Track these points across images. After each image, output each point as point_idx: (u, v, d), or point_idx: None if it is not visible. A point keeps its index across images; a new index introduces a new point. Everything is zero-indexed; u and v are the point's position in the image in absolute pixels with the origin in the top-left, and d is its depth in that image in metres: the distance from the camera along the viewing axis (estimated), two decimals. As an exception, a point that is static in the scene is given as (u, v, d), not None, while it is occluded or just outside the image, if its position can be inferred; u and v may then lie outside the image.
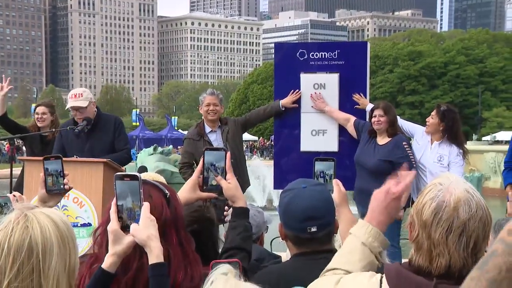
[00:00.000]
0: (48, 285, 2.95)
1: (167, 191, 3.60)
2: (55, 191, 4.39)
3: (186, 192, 4.16)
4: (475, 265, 2.47)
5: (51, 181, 4.37)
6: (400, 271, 3.08)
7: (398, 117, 9.95)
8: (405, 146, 9.34)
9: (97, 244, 3.59)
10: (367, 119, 9.58)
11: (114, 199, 3.46)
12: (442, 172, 9.04)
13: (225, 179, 4.02)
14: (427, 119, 9.82)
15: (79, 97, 9.69)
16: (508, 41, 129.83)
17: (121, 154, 9.62)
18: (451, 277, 2.96)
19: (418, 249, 3.07)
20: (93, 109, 9.79)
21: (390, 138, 9.38)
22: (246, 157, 10.97)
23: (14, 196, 4.74)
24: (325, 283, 3.30)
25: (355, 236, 3.32)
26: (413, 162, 9.27)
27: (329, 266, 3.36)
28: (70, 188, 4.63)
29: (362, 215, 5.28)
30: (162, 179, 5.94)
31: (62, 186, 4.41)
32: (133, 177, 3.44)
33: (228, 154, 4.13)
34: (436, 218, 2.98)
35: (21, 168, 9.61)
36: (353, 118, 9.57)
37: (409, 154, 9.28)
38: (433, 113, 9.74)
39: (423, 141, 9.78)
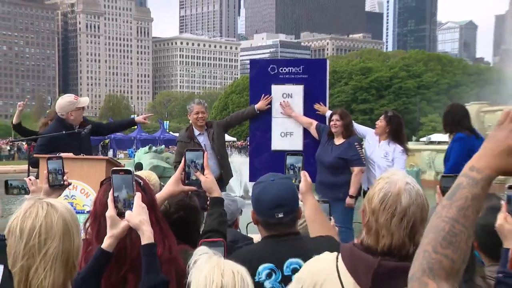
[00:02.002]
0: (49, 262, 2.93)
1: (140, 180, 3.65)
2: (56, 186, 4.48)
3: (170, 186, 4.21)
4: (412, 244, 3.07)
5: (51, 178, 4.47)
6: (352, 250, 3.16)
7: (353, 121, 9.98)
8: (357, 146, 9.41)
9: (88, 233, 3.60)
10: (327, 123, 9.62)
11: (111, 189, 3.47)
12: (388, 166, 9.35)
13: (203, 174, 4.12)
14: (376, 123, 9.91)
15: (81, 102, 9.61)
16: (439, 60, 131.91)
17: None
18: (393, 255, 3.05)
19: (368, 231, 3.14)
20: None
21: (345, 139, 9.40)
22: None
23: (30, 180, 4.73)
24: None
25: None
26: (363, 160, 9.41)
27: None
28: (69, 184, 4.73)
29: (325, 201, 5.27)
30: (154, 176, 5.90)
31: (61, 182, 4.51)
32: (127, 172, 3.54)
33: (206, 153, 4.24)
34: (382, 205, 3.07)
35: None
36: (315, 122, 9.62)
37: (360, 153, 9.38)
38: (381, 117, 9.88)
39: (373, 141, 9.87)
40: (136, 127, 67.95)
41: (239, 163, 17.21)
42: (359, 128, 10.33)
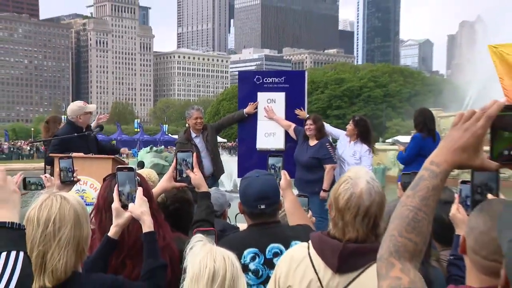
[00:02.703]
0: (63, 246, 2.96)
1: (138, 177, 3.64)
2: (66, 182, 4.53)
3: (164, 182, 4.25)
4: (374, 237, 3.15)
5: (63, 175, 4.52)
6: (321, 237, 3.23)
7: (328, 125, 10.03)
8: (328, 147, 9.39)
9: (92, 223, 3.57)
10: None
11: (116, 185, 3.51)
12: (356, 163, 9.40)
13: (193, 172, 4.17)
14: (347, 126, 9.89)
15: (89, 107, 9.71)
16: (402, 72, 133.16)
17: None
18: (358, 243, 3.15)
19: (335, 226, 3.20)
20: None
21: (318, 141, 9.36)
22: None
23: (46, 177, 4.70)
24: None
25: None
26: (334, 158, 9.39)
27: None
28: (78, 180, 4.76)
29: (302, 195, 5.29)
30: (154, 173, 5.91)
31: (72, 179, 4.55)
32: (130, 169, 3.61)
33: (195, 154, 4.35)
34: (347, 205, 3.10)
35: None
36: (293, 125, 9.59)
37: (331, 152, 9.35)
38: (350, 122, 9.90)
39: (344, 142, 9.88)
40: (138, 130, 68.00)
41: (229, 161, 17.18)
42: (333, 130, 10.36)
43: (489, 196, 2.48)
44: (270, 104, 9.71)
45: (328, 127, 10.11)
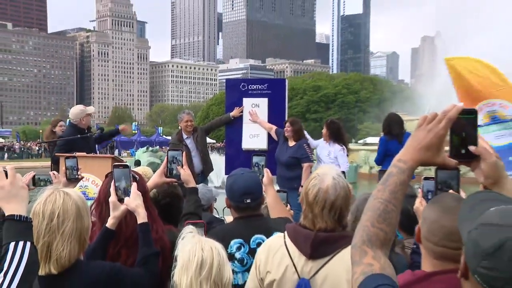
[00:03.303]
0: (66, 237, 2.97)
1: (136, 176, 3.66)
2: (72, 179, 4.52)
3: (156, 178, 4.27)
4: (342, 227, 3.22)
5: (68, 173, 4.52)
6: (295, 227, 3.27)
7: (311, 138, 10.00)
8: (305, 147, 9.32)
9: (92, 215, 3.58)
10: None
11: (113, 181, 3.51)
12: (331, 161, 9.43)
13: (182, 169, 4.18)
14: (323, 130, 9.89)
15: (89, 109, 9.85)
16: (372, 81, 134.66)
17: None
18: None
19: (305, 218, 3.23)
20: None
21: (296, 142, 9.31)
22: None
23: (54, 174, 4.68)
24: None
25: None
26: (311, 157, 9.38)
27: None
28: (82, 177, 4.77)
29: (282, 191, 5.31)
30: (150, 170, 5.90)
31: (76, 176, 4.55)
32: (125, 166, 3.61)
33: (184, 153, 4.32)
34: (315, 200, 3.15)
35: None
36: (274, 127, 9.53)
37: (308, 152, 9.30)
38: (324, 126, 9.95)
39: (322, 144, 9.88)
40: (136, 132, 67.98)
41: (218, 160, 17.16)
42: (312, 142, 10.21)
43: (451, 192, 2.49)
44: (254, 109, 9.68)
45: (311, 140, 10.03)
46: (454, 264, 2.22)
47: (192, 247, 2.90)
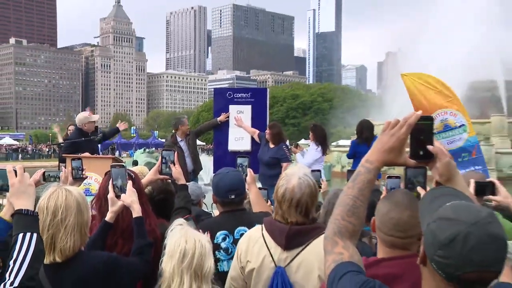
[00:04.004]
0: (69, 230, 2.99)
1: (132, 174, 3.69)
2: (77, 178, 4.47)
3: (150, 175, 4.27)
4: (308, 220, 3.19)
5: (74, 172, 4.47)
6: (271, 221, 3.27)
7: (305, 156, 9.79)
8: (284, 149, 9.24)
9: (93, 209, 3.63)
10: None
11: (111, 179, 3.55)
12: (301, 160, 9.47)
13: (174, 167, 4.17)
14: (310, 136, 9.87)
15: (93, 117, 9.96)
16: (343, 90, 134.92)
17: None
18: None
19: (277, 213, 3.24)
20: None
21: (276, 144, 9.25)
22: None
23: (64, 170, 4.67)
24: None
25: None
26: (289, 157, 9.26)
27: None
28: (86, 177, 4.74)
29: (263, 188, 5.31)
30: (146, 169, 5.88)
31: (81, 175, 4.51)
32: (122, 166, 3.63)
33: (176, 153, 4.35)
34: (283, 198, 3.16)
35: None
36: (257, 131, 9.50)
37: (287, 153, 9.22)
38: (310, 131, 9.88)
39: (310, 148, 9.78)
40: (134, 135, 68.03)
41: (207, 160, 17.14)
42: (301, 156, 10.03)
43: (418, 188, 2.49)
44: (239, 115, 9.65)
45: (299, 156, 9.91)
46: (402, 251, 2.34)
47: (178, 238, 2.91)
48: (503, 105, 29.19)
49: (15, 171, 2.68)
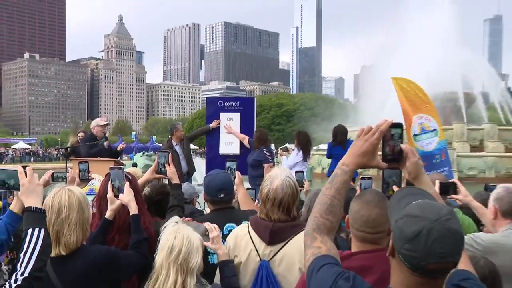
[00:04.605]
0: (72, 226, 3.03)
1: (129, 176, 3.68)
2: (84, 180, 4.50)
3: (148, 174, 4.28)
4: (290, 218, 3.19)
5: (81, 174, 4.49)
6: (256, 219, 3.26)
7: (288, 160, 9.90)
8: (265, 151, 9.12)
9: (94, 206, 3.66)
10: None
11: (110, 180, 3.56)
12: (284, 163, 9.62)
13: (169, 167, 4.17)
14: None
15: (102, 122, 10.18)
16: (323, 99, 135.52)
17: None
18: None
19: (261, 212, 3.24)
20: None
21: (258, 148, 9.16)
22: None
23: (71, 172, 4.69)
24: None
25: None
26: (270, 159, 9.13)
27: None
28: (91, 178, 4.84)
29: (251, 188, 5.31)
30: (139, 171, 5.87)
31: (87, 177, 4.53)
32: (119, 168, 3.63)
33: (170, 154, 4.34)
34: (267, 197, 3.18)
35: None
36: (247, 138, 9.43)
37: (267, 155, 9.09)
38: (295, 136, 9.86)
39: (293, 153, 9.81)
40: (134, 140, 67.92)
41: (200, 162, 17.11)
42: (287, 161, 10.09)
43: (394, 187, 2.54)
44: (229, 122, 9.60)
45: (287, 161, 9.89)
46: (372, 245, 2.38)
47: (168, 234, 2.91)
48: (463, 114, 29.81)
49: (26, 172, 2.69)
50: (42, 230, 2.44)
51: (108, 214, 3.46)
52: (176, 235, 2.88)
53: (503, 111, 36.63)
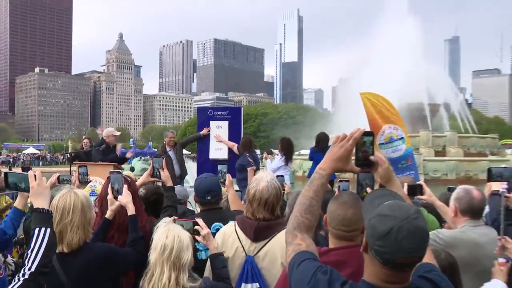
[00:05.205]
0: (74, 229, 3.03)
1: (129, 179, 3.67)
2: (83, 182, 4.47)
3: (144, 177, 4.25)
4: (273, 217, 3.18)
5: (80, 177, 4.46)
6: (242, 218, 3.25)
7: (272, 163, 9.81)
8: (248, 156, 8.87)
9: (96, 207, 3.62)
10: None
11: (110, 183, 3.54)
12: (269, 166, 9.46)
13: (163, 171, 4.15)
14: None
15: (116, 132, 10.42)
16: (304, 109, 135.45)
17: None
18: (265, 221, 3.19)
19: (248, 211, 3.23)
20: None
21: (241, 153, 9.03)
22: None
23: (74, 175, 4.67)
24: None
25: None
26: (252, 163, 8.74)
27: None
28: (90, 181, 4.80)
29: (238, 190, 5.29)
30: (132, 174, 5.83)
31: (86, 180, 4.50)
32: (118, 172, 3.60)
33: (165, 159, 4.28)
34: (254, 197, 3.17)
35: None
36: (236, 145, 9.31)
37: (249, 160, 8.79)
38: (279, 142, 9.84)
39: (277, 158, 9.74)
40: (132, 145, 67.69)
41: (192, 166, 17.03)
42: (272, 165, 9.95)
43: (368, 189, 2.57)
44: (218, 129, 9.54)
45: (272, 165, 9.79)
46: (348, 242, 2.39)
47: (160, 234, 2.91)
48: (428, 123, 30.23)
49: (35, 176, 2.68)
50: (48, 230, 2.43)
51: (108, 214, 3.46)
52: (167, 235, 2.87)
53: (462, 121, 37.43)
